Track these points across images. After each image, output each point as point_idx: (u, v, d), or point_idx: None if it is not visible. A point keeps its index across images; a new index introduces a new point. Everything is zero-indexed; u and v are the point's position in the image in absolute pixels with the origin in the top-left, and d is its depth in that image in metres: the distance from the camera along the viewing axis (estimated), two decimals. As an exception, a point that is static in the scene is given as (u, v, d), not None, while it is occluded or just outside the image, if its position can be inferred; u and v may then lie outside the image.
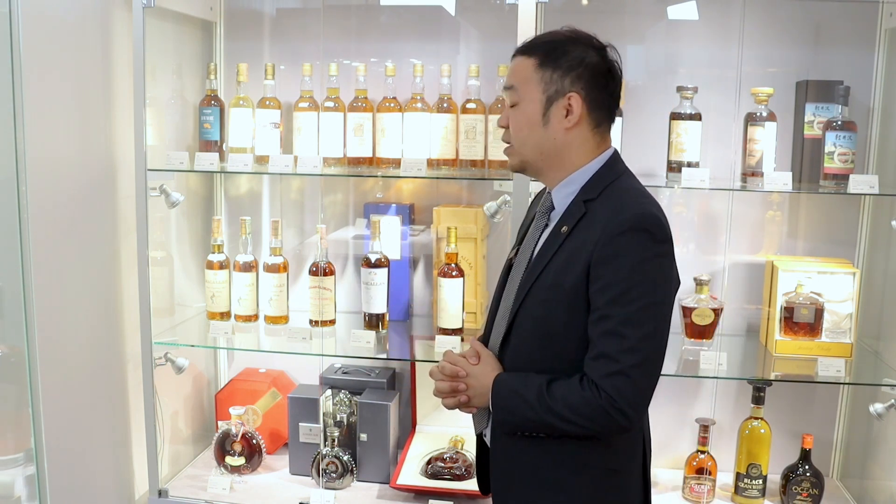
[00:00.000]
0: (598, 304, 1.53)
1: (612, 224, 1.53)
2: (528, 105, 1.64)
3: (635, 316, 1.50)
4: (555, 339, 1.61)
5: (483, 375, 1.67)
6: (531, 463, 1.65)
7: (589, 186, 1.63)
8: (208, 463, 2.78)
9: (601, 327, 1.52)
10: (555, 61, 1.61)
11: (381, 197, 2.84)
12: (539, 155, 1.66)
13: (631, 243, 1.51)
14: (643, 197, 1.61)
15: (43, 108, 2.17)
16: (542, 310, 1.61)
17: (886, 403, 2.31)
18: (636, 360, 1.50)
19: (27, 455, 2.27)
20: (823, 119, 2.40)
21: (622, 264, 1.51)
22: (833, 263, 2.50)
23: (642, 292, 1.51)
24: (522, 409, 1.59)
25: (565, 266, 1.58)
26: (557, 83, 1.61)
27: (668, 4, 2.58)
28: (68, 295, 2.32)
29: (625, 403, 1.50)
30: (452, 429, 2.76)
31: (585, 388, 1.52)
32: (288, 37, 2.81)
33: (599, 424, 1.52)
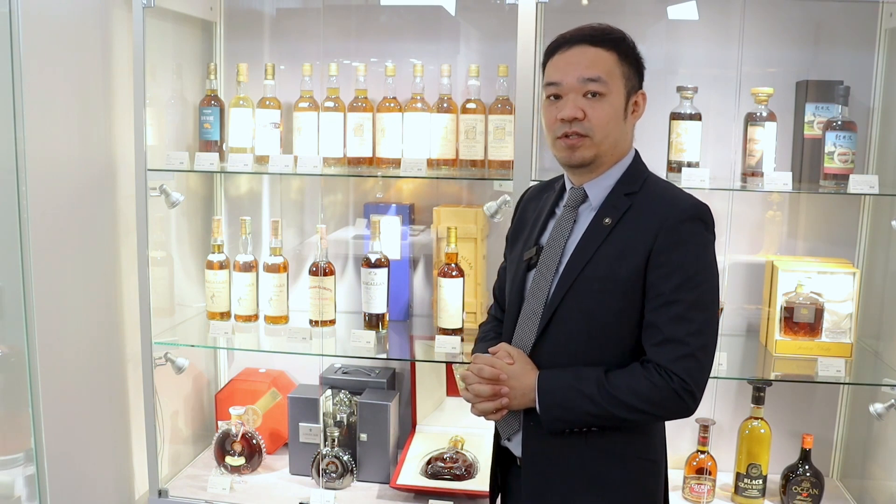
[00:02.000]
0: (663, 289, 1.56)
1: (672, 213, 1.58)
2: (615, 98, 1.63)
3: (700, 300, 1.56)
4: (606, 330, 1.62)
5: (523, 375, 1.65)
6: (573, 459, 1.64)
7: (626, 180, 1.66)
8: (208, 463, 2.78)
9: (668, 312, 1.55)
10: (630, 58, 1.67)
11: (381, 197, 2.84)
12: (613, 148, 1.66)
13: (692, 231, 1.57)
14: (684, 191, 1.68)
15: (43, 108, 2.18)
16: (592, 302, 1.61)
17: (886, 403, 2.31)
18: (702, 342, 1.55)
19: (27, 455, 2.27)
20: (823, 119, 2.40)
21: (687, 251, 1.56)
22: (833, 263, 2.50)
23: (705, 278, 1.57)
24: (581, 403, 1.58)
25: (618, 256, 1.59)
26: (634, 79, 1.67)
27: (668, 4, 2.58)
28: (68, 295, 2.32)
29: (695, 385, 1.54)
30: (452, 429, 2.76)
31: (653, 374, 1.54)
32: (288, 37, 2.81)
33: (668, 409, 1.56)
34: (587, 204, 1.69)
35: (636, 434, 1.64)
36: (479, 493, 2.52)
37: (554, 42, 1.70)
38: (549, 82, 1.66)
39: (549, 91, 1.66)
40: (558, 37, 1.71)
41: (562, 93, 1.64)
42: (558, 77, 1.64)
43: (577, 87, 1.62)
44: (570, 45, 1.66)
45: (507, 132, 2.43)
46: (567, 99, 1.63)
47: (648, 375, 1.54)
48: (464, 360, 2.60)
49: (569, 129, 1.63)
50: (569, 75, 1.63)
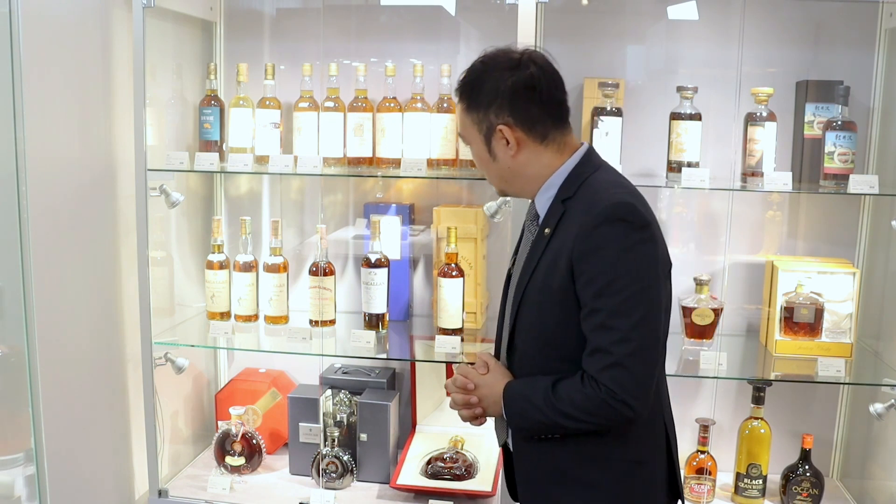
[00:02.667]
0: (586, 299, 1.54)
1: (587, 219, 1.54)
2: (474, 147, 1.68)
3: (622, 306, 1.51)
4: (553, 340, 1.62)
5: (494, 384, 1.69)
6: (555, 464, 1.66)
7: (565, 186, 1.65)
8: (208, 463, 2.78)
9: (592, 322, 1.54)
10: (476, 100, 1.63)
11: (381, 197, 2.84)
12: (505, 183, 1.71)
13: (608, 235, 1.52)
14: (616, 187, 1.62)
15: (43, 108, 2.18)
16: (536, 313, 1.64)
17: (886, 403, 2.31)
18: (629, 349, 1.50)
19: (27, 455, 2.27)
20: (823, 119, 2.40)
21: (602, 256, 1.52)
22: (833, 263, 2.50)
23: (626, 282, 1.51)
24: (532, 412, 1.61)
25: (551, 267, 1.60)
26: (485, 121, 1.63)
27: (668, 4, 2.58)
28: (68, 295, 2.32)
29: (625, 394, 1.50)
30: (452, 429, 2.76)
31: (586, 385, 1.53)
32: (288, 37, 2.81)
33: (605, 418, 1.54)
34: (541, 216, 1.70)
35: (612, 437, 1.61)
36: (479, 493, 2.52)
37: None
38: None
39: None
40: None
41: None
42: None
43: None
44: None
45: (507, 132, 2.43)
46: None
47: (583, 386, 1.54)
48: (464, 360, 2.61)
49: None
50: None
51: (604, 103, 2.38)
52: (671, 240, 2.69)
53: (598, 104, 2.41)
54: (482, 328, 2.68)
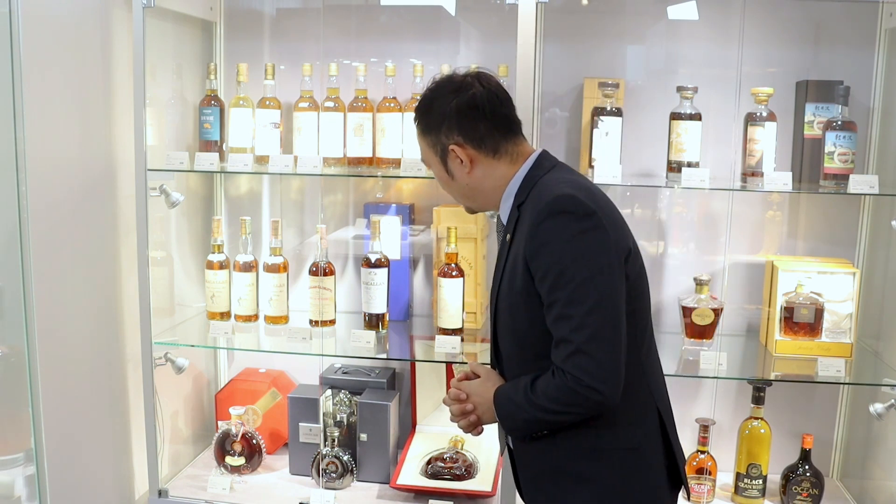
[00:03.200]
0: (543, 294, 1.59)
1: (532, 217, 1.60)
2: (434, 169, 1.77)
3: (574, 294, 1.54)
4: (528, 340, 1.67)
5: (485, 391, 1.74)
6: (551, 461, 1.70)
7: (520, 191, 1.70)
8: (208, 463, 2.78)
9: (551, 315, 1.57)
10: (427, 125, 1.72)
11: (381, 197, 2.84)
12: (468, 199, 1.79)
13: (552, 228, 1.57)
14: (560, 182, 1.65)
15: (43, 108, 2.18)
16: (509, 316, 1.70)
17: (886, 403, 2.31)
18: (587, 334, 1.53)
19: (27, 455, 2.27)
20: (823, 119, 2.40)
21: (550, 251, 1.56)
22: (833, 263, 2.50)
23: (575, 270, 1.54)
24: (517, 412, 1.65)
25: (513, 270, 1.66)
26: (438, 143, 1.70)
27: (668, 4, 2.58)
28: (68, 295, 2.32)
29: (590, 379, 1.52)
30: (452, 429, 2.75)
31: (557, 377, 1.57)
32: (288, 37, 2.81)
33: (579, 406, 1.56)
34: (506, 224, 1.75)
35: (597, 426, 1.63)
36: (480, 493, 2.52)
37: None
38: None
39: None
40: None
41: None
42: None
43: None
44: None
45: (507, 132, 2.43)
46: None
47: (554, 378, 1.57)
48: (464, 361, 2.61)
49: None
50: None
51: (604, 103, 2.38)
52: (671, 240, 2.69)
53: (598, 104, 2.41)
54: (482, 328, 2.68)
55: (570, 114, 2.65)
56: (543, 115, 2.64)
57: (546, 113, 2.64)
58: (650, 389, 1.71)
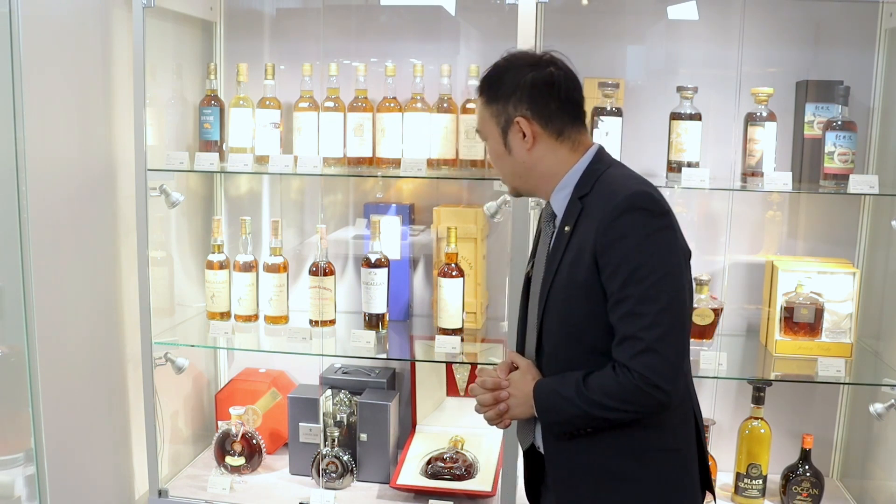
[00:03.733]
0: (612, 288, 1.56)
1: (607, 210, 1.57)
2: (491, 141, 1.73)
3: (649, 292, 1.53)
4: (582, 334, 1.63)
5: (523, 383, 1.69)
6: (592, 458, 1.66)
7: (581, 184, 1.67)
8: (208, 463, 2.78)
9: (619, 311, 1.55)
10: (496, 93, 1.69)
11: (381, 197, 2.84)
12: (518, 179, 1.74)
13: (629, 224, 1.55)
14: (632, 179, 1.65)
15: (43, 108, 2.18)
16: (564, 310, 1.64)
17: (886, 403, 2.31)
18: (658, 333, 1.52)
19: (27, 455, 2.27)
20: (823, 119, 2.40)
21: (625, 245, 1.54)
22: (833, 263, 2.50)
23: (651, 268, 1.53)
24: (565, 406, 1.61)
25: (575, 262, 1.61)
26: (504, 113, 1.67)
27: (668, 4, 2.58)
28: (68, 295, 2.32)
29: (658, 378, 1.51)
30: (452, 429, 2.76)
31: (618, 373, 1.54)
32: (288, 37, 2.81)
33: (639, 405, 1.54)
34: (558, 216, 1.71)
35: (646, 427, 1.61)
36: (480, 493, 2.52)
37: None
38: None
39: None
40: None
41: None
42: None
43: None
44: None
45: (507, 132, 2.43)
46: None
47: (615, 375, 1.55)
48: (464, 360, 2.61)
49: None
50: None
51: (604, 103, 2.38)
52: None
53: (598, 104, 2.40)
54: (482, 328, 2.68)
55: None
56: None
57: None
58: (689, 391, 1.71)
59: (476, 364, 2.67)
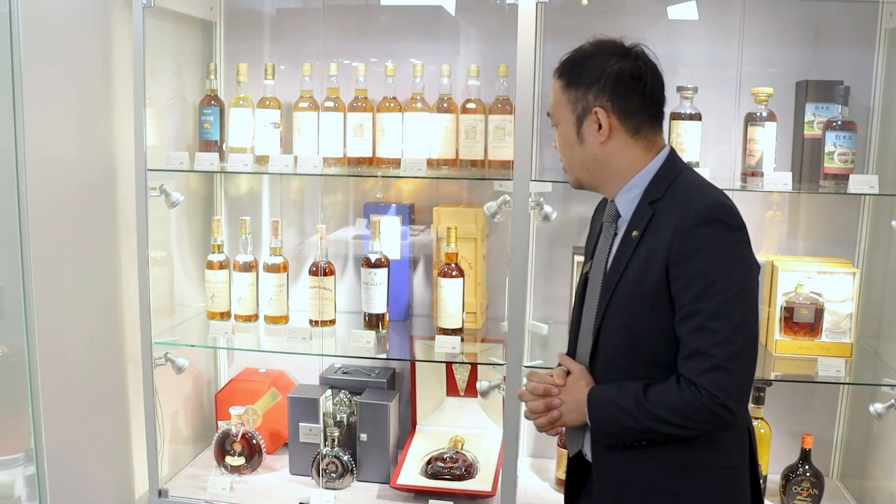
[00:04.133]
0: (684, 301, 1.51)
1: (684, 219, 1.52)
2: (563, 127, 1.65)
3: (723, 308, 1.48)
4: (643, 345, 1.59)
5: (577, 390, 1.65)
6: (643, 471, 1.61)
7: (652, 187, 1.61)
8: (208, 463, 2.78)
9: (690, 324, 1.50)
10: (577, 79, 1.61)
11: (381, 197, 2.84)
12: (586, 171, 1.67)
13: (707, 236, 1.50)
14: (708, 188, 1.60)
15: (43, 108, 2.17)
16: (626, 318, 1.59)
17: (886, 403, 2.31)
18: (731, 352, 1.47)
19: (27, 455, 2.27)
20: (823, 119, 2.40)
21: (701, 258, 1.50)
22: (833, 263, 2.50)
23: (726, 283, 1.49)
24: (622, 418, 1.56)
25: (643, 270, 1.56)
26: (582, 101, 1.60)
27: (668, 4, 2.58)
28: (68, 295, 2.32)
29: (726, 398, 1.47)
30: (452, 429, 2.76)
31: (684, 389, 1.50)
32: (288, 37, 2.81)
33: (703, 423, 1.50)
34: (622, 217, 1.66)
35: (701, 443, 1.57)
36: (480, 493, 2.52)
37: None
38: None
39: None
40: None
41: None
42: None
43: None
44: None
45: (507, 132, 2.43)
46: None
47: (680, 390, 1.50)
48: (464, 360, 2.61)
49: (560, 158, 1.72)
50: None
51: (604, 103, 2.38)
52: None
53: (598, 104, 2.40)
54: (482, 328, 2.68)
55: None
56: (543, 115, 2.63)
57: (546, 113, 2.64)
58: (745, 409, 1.66)
59: (476, 364, 2.68)
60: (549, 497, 2.60)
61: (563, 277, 2.70)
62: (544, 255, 2.73)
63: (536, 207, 2.33)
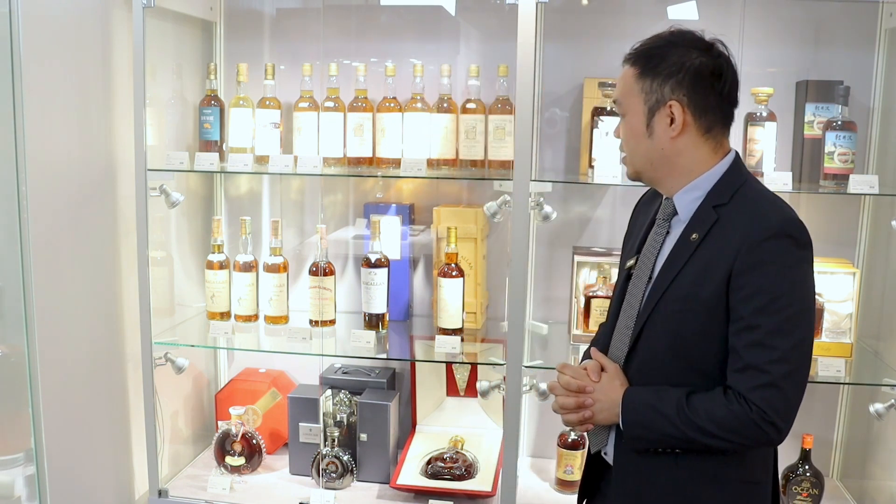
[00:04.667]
0: (743, 313, 1.48)
1: (754, 230, 1.48)
2: (632, 117, 1.60)
3: (783, 325, 1.46)
4: (689, 351, 1.55)
5: (611, 390, 1.60)
6: (666, 479, 1.58)
7: (717, 191, 1.57)
8: (208, 463, 2.78)
9: (747, 338, 1.47)
10: (654, 69, 1.56)
11: (381, 197, 2.84)
12: (649, 165, 1.61)
13: (776, 250, 1.47)
14: (778, 201, 1.56)
15: (43, 109, 2.18)
16: (675, 321, 1.55)
17: (886, 403, 2.31)
18: (786, 370, 1.45)
19: (27, 455, 2.27)
20: (823, 119, 2.40)
21: (768, 272, 1.46)
22: (833, 263, 2.50)
23: (789, 301, 1.46)
24: (660, 424, 1.53)
25: (701, 275, 1.52)
26: (657, 92, 1.56)
27: (668, 4, 2.58)
28: (68, 295, 2.32)
29: (776, 416, 1.46)
30: (452, 429, 2.76)
31: (732, 402, 1.47)
32: (288, 37, 2.81)
33: (746, 438, 1.49)
34: (678, 217, 1.61)
35: (732, 455, 1.55)
36: (479, 493, 2.52)
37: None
38: None
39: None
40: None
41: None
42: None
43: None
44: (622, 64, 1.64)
45: (508, 132, 2.44)
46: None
47: (728, 402, 1.48)
48: (464, 360, 2.61)
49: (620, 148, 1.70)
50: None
51: (604, 103, 2.38)
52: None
53: (598, 104, 2.41)
54: (482, 328, 2.68)
55: (570, 114, 2.65)
56: (543, 115, 2.64)
57: (546, 113, 2.64)
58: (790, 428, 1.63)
59: (476, 364, 2.68)
60: (549, 497, 2.61)
61: (563, 277, 2.70)
62: (544, 255, 2.73)
63: (536, 207, 2.33)
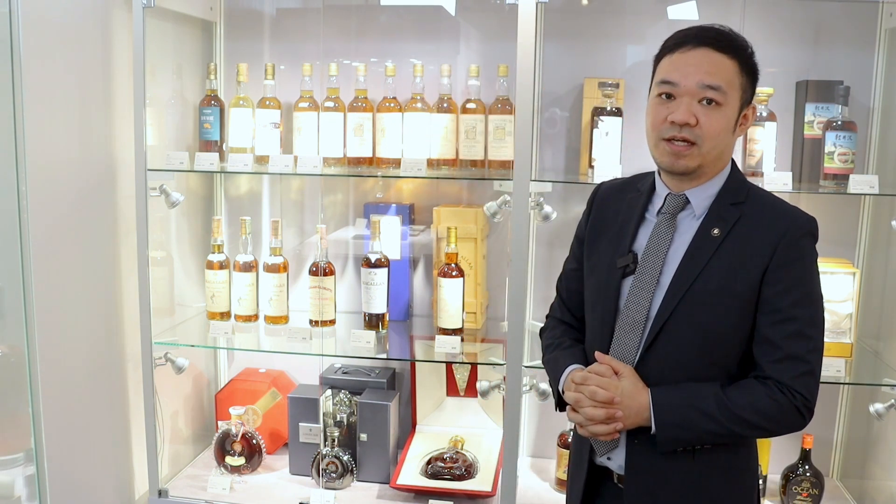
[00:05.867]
0: (780, 305, 1.54)
1: (793, 228, 1.56)
2: (729, 109, 1.56)
3: (815, 317, 1.57)
4: (718, 344, 1.57)
5: (636, 394, 1.57)
6: (680, 476, 1.59)
7: (730, 189, 1.61)
8: (208, 463, 2.78)
9: (786, 329, 1.54)
10: (750, 69, 1.58)
11: (381, 197, 2.84)
12: (716, 159, 1.59)
13: (807, 246, 1.57)
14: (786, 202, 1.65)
15: (43, 109, 2.18)
16: (705, 315, 1.55)
17: (886, 403, 2.31)
18: (818, 359, 1.57)
19: (27, 455, 2.27)
20: (823, 119, 2.40)
21: (804, 267, 1.56)
22: (833, 263, 2.50)
23: (818, 295, 1.58)
24: (699, 421, 1.53)
25: (731, 270, 1.55)
26: (749, 91, 1.59)
27: (668, 4, 2.58)
28: (68, 295, 2.32)
29: (813, 402, 1.55)
30: (452, 429, 2.76)
31: (775, 391, 1.53)
32: (288, 37, 2.81)
33: (786, 425, 1.56)
34: (688, 212, 1.61)
35: (740, 445, 1.62)
36: (479, 493, 2.52)
37: (675, 38, 1.59)
38: (664, 80, 1.57)
39: (663, 89, 1.57)
40: (680, 33, 1.59)
41: (676, 94, 1.55)
42: (677, 77, 1.55)
43: (695, 91, 1.53)
44: (694, 46, 1.56)
45: (507, 132, 2.44)
46: (681, 101, 1.54)
47: (770, 392, 1.53)
48: (464, 360, 2.61)
49: (677, 134, 1.55)
50: (688, 77, 1.54)
51: (604, 103, 2.38)
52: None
53: (598, 104, 2.41)
54: (482, 328, 2.68)
55: (570, 114, 2.65)
56: (543, 115, 2.64)
57: (546, 113, 2.64)
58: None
59: (476, 364, 2.68)
60: (549, 497, 2.61)
61: (563, 277, 2.69)
62: (544, 255, 2.73)
63: (536, 207, 2.33)
